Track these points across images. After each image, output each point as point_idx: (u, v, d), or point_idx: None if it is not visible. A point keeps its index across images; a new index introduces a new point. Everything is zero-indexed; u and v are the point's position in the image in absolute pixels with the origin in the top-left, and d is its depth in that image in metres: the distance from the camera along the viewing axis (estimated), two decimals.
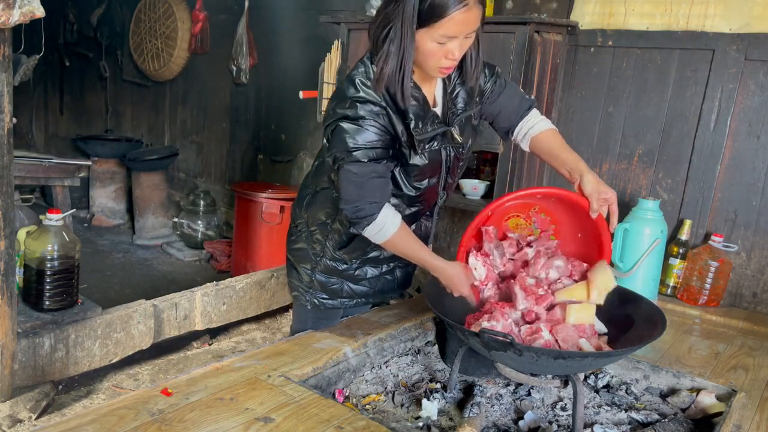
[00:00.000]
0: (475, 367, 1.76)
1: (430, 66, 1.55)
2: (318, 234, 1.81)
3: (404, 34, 1.47)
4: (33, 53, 3.29)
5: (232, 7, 4.40)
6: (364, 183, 1.55)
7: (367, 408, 1.61)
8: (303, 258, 1.86)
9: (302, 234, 1.85)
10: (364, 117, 1.53)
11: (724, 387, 1.70)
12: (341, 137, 1.54)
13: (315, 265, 1.85)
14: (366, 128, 1.53)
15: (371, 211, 1.57)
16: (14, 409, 2.20)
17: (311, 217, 1.82)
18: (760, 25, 2.35)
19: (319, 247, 1.82)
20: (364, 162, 1.53)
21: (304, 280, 1.87)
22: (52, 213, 2.37)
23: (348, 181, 1.56)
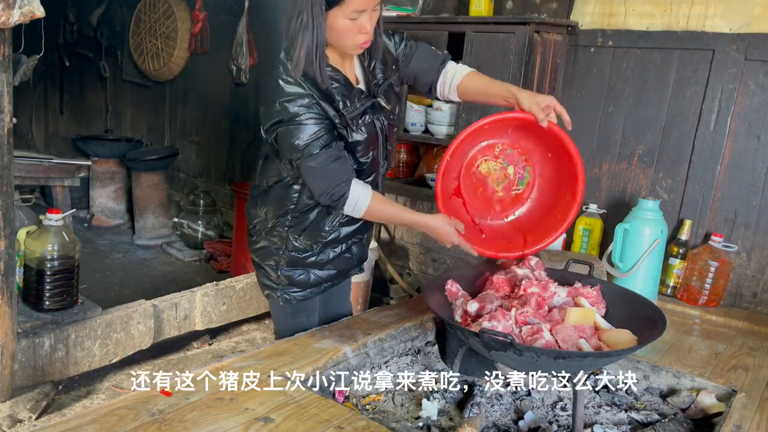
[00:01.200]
0: (475, 367, 1.76)
1: (347, 44, 1.63)
2: (278, 227, 1.83)
3: (315, 17, 1.55)
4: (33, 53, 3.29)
5: (232, 7, 4.40)
6: (325, 171, 1.63)
7: (367, 408, 1.61)
8: (266, 255, 1.87)
9: (261, 232, 1.87)
10: (297, 113, 1.60)
11: (724, 387, 1.70)
12: (286, 141, 1.62)
13: (279, 260, 1.86)
14: (304, 123, 1.60)
15: (342, 191, 1.64)
16: (14, 409, 2.20)
17: (267, 213, 1.84)
18: (760, 25, 2.35)
19: (280, 241, 1.84)
20: (316, 153, 1.60)
21: (272, 277, 1.88)
22: (52, 213, 2.37)
23: (311, 176, 1.64)
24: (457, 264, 3.24)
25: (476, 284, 1.83)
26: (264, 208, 1.83)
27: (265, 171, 1.82)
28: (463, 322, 1.63)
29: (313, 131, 1.60)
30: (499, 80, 1.80)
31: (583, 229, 2.73)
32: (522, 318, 1.56)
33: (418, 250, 3.39)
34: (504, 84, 1.76)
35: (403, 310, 2.10)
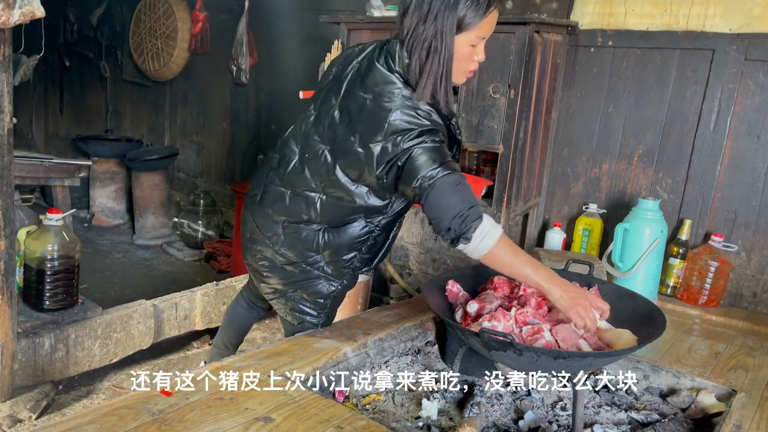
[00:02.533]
0: (475, 367, 1.76)
1: (460, 71, 1.59)
2: (342, 266, 1.77)
3: (446, 41, 1.51)
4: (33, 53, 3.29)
5: (232, 7, 4.39)
6: (462, 190, 1.52)
7: (367, 408, 1.61)
8: (317, 291, 1.80)
9: (312, 270, 1.77)
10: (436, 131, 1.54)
11: (724, 387, 1.70)
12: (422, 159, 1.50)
13: (331, 293, 1.81)
14: (441, 141, 1.54)
15: (477, 214, 1.51)
16: (14, 409, 2.20)
17: (330, 253, 1.74)
18: (760, 25, 2.35)
19: (343, 275, 1.79)
20: (452, 172, 1.51)
21: (318, 307, 1.83)
22: (52, 213, 2.37)
23: (446, 194, 1.49)
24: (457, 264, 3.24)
25: (476, 284, 1.83)
26: (325, 249, 1.73)
27: (331, 212, 1.69)
28: (463, 322, 1.63)
29: (447, 153, 1.54)
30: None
31: (583, 229, 2.73)
32: (522, 318, 1.56)
33: (418, 250, 3.39)
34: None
35: (403, 310, 2.10)
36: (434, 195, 1.50)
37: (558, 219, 2.91)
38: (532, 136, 2.67)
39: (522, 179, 2.67)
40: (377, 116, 1.55)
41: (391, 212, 1.73)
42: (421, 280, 3.36)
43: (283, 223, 1.75)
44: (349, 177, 1.63)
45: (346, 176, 1.63)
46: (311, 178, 1.69)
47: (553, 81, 2.75)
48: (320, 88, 1.78)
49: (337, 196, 1.67)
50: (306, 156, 1.72)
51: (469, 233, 1.49)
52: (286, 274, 1.80)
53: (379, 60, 1.62)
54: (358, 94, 1.62)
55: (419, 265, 3.40)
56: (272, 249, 1.78)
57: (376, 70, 1.61)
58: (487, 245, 1.51)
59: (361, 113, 1.59)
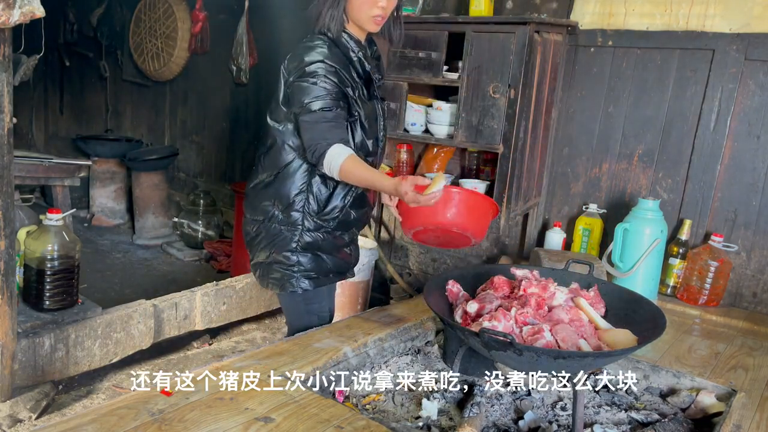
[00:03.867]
0: (475, 367, 1.76)
1: (364, 16, 1.81)
2: (293, 210, 1.88)
3: None
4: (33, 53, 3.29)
5: (232, 7, 4.39)
6: (314, 127, 1.75)
7: (367, 408, 1.61)
8: (282, 244, 1.90)
9: (272, 223, 1.90)
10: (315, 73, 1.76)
11: (724, 387, 1.70)
12: (297, 96, 1.77)
13: (296, 245, 1.89)
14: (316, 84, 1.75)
15: (322, 148, 1.73)
16: (14, 409, 2.20)
17: (280, 200, 1.88)
18: (760, 25, 2.35)
19: (299, 222, 1.88)
20: (313, 111, 1.74)
21: (290, 264, 1.90)
22: (52, 213, 2.37)
23: (303, 130, 1.77)
24: (457, 264, 3.24)
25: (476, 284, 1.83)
26: (274, 197, 1.89)
27: (271, 161, 1.89)
28: (463, 322, 1.63)
29: (319, 93, 1.74)
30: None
31: (583, 229, 2.73)
32: (522, 318, 1.57)
33: (418, 250, 3.39)
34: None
35: (403, 310, 2.10)
36: (300, 130, 1.79)
37: (558, 219, 2.91)
38: (532, 136, 2.67)
39: (522, 179, 2.67)
40: (289, 61, 1.85)
41: None
42: (421, 280, 3.36)
43: (248, 192, 1.99)
44: (275, 119, 1.88)
45: (273, 120, 1.89)
46: (260, 145, 1.96)
47: (553, 81, 2.75)
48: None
49: (271, 143, 1.89)
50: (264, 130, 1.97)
51: (319, 164, 1.75)
52: (258, 240, 1.95)
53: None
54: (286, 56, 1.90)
55: (419, 265, 3.40)
56: (247, 220, 1.98)
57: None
58: (335, 171, 1.73)
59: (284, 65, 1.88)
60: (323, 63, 1.76)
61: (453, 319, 1.66)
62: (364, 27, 1.85)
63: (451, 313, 1.71)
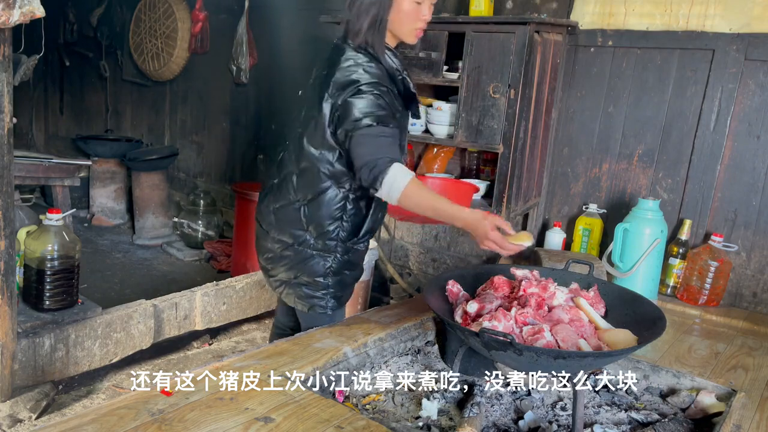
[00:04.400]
0: (475, 367, 1.76)
1: (406, 29, 1.74)
2: (327, 237, 1.81)
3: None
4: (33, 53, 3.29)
5: (232, 7, 4.39)
6: (375, 142, 1.64)
7: (367, 408, 1.61)
8: (314, 269, 1.84)
9: (303, 247, 1.83)
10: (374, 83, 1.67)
11: (724, 387, 1.70)
12: (351, 110, 1.65)
13: (329, 271, 1.85)
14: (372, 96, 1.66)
15: (384, 165, 1.62)
16: (14, 409, 2.20)
17: (314, 226, 1.81)
18: (760, 25, 2.35)
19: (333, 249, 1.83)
20: (374, 126, 1.64)
21: (320, 288, 1.87)
22: (52, 213, 2.37)
23: (360, 145, 1.64)
24: (457, 264, 3.24)
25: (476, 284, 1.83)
26: (307, 223, 1.81)
27: (304, 184, 1.79)
28: (464, 322, 1.63)
29: (376, 110, 1.65)
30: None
31: (583, 229, 2.73)
32: (522, 318, 1.57)
33: (418, 250, 3.39)
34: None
35: (403, 310, 2.10)
36: (353, 145, 1.66)
37: (558, 219, 2.91)
38: (532, 136, 2.67)
39: (522, 179, 2.67)
40: (327, 78, 1.72)
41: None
42: (421, 280, 3.36)
43: (274, 210, 1.87)
44: (312, 145, 1.76)
45: (310, 145, 1.77)
46: (290, 162, 1.84)
47: (553, 81, 2.75)
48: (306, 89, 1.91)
49: (306, 167, 1.79)
50: (288, 144, 1.87)
51: (376, 183, 1.62)
52: (285, 261, 1.87)
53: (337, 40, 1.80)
54: (321, 74, 1.78)
55: (419, 265, 3.40)
56: (270, 238, 1.88)
57: (334, 48, 1.79)
58: (398, 190, 1.61)
59: (321, 86, 1.75)
60: (377, 82, 1.67)
61: (453, 319, 1.66)
62: (404, 39, 1.78)
63: (451, 313, 1.71)
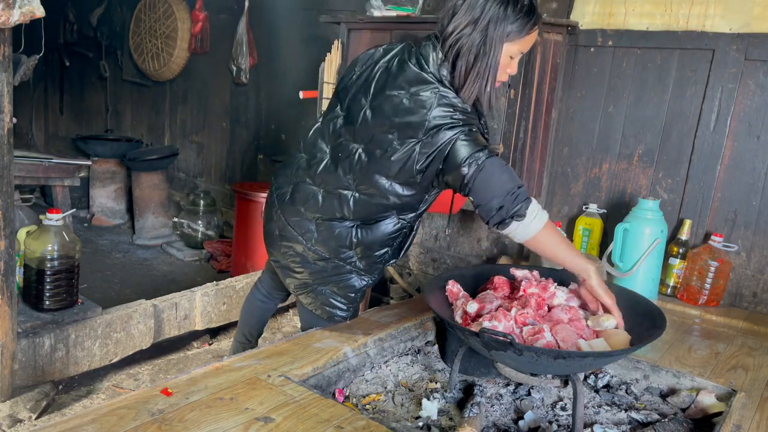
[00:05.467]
0: (475, 367, 1.76)
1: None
2: (374, 260, 1.82)
3: (496, 46, 1.60)
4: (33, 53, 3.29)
5: (232, 7, 4.40)
6: (510, 170, 1.58)
7: (367, 408, 1.61)
8: (350, 285, 1.84)
9: (345, 264, 1.80)
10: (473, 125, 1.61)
11: (724, 387, 1.70)
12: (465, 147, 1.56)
13: (363, 287, 1.85)
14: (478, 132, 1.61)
15: (525, 194, 1.56)
16: (14, 409, 2.20)
17: (362, 249, 1.78)
18: (760, 25, 2.35)
19: (375, 270, 1.84)
20: (496, 155, 1.58)
21: (347, 301, 1.87)
22: (52, 213, 2.37)
23: (499, 172, 1.56)
24: (457, 264, 3.24)
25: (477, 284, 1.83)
26: (356, 245, 1.77)
27: (360, 208, 1.73)
28: (464, 322, 1.63)
29: (483, 141, 1.60)
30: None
31: (583, 229, 2.73)
32: (522, 319, 1.57)
33: (418, 250, 3.39)
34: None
35: (403, 310, 2.10)
36: (483, 176, 1.54)
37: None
38: (532, 136, 2.67)
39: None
40: (416, 114, 1.59)
41: (421, 208, 1.79)
42: (421, 280, 3.36)
43: (317, 221, 1.79)
44: (385, 175, 1.66)
45: (382, 174, 1.66)
46: (344, 177, 1.72)
47: (553, 81, 2.75)
48: (344, 88, 1.81)
49: (370, 193, 1.70)
50: (339, 155, 1.75)
51: (522, 210, 1.54)
52: (317, 269, 1.82)
53: (411, 60, 1.67)
54: (392, 93, 1.66)
55: (419, 265, 3.40)
56: (304, 245, 1.81)
57: (409, 70, 1.66)
58: (537, 227, 1.56)
59: (397, 112, 1.63)
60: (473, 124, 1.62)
61: (453, 319, 1.66)
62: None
63: (451, 313, 1.71)
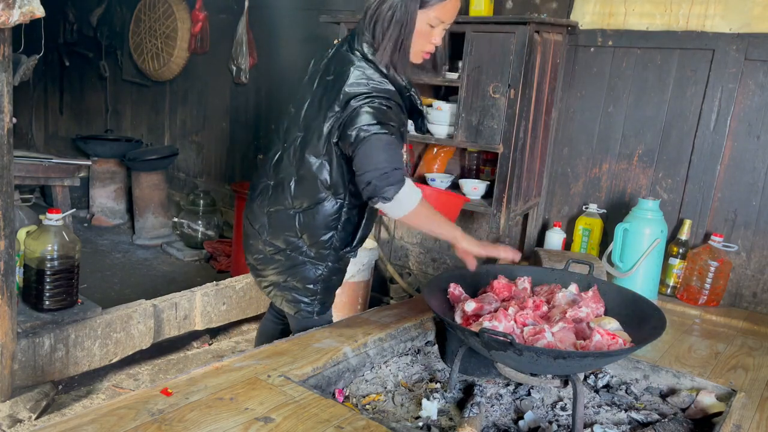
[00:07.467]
0: (475, 367, 1.76)
1: (416, 49, 1.72)
2: (322, 247, 1.81)
3: (409, 13, 1.65)
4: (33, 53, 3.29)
5: (232, 7, 4.39)
6: (392, 150, 1.62)
7: (367, 408, 1.61)
8: (305, 276, 1.85)
9: (296, 254, 1.83)
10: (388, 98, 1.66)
11: (724, 387, 1.70)
12: (367, 115, 1.62)
13: (320, 278, 1.85)
14: (391, 108, 1.66)
15: (399, 176, 1.61)
16: (14, 409, 2.20)
17: (309, 234, 1.80)
18: (760, 25, 2.35)
19: (327, 258, 1.83)
20: (390, 134, 1.62)
21: (309, 294, 1.87)
22: (52, 213, 2.37)
23: (378, 148, 1.60)
24: (457, 264, 3.24)
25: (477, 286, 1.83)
26: (302, 231, 1.79)
27: (302, 192, 1.77)
28: (464, 322, 1.63)
29: (389, 117, 1.64)
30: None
31: (583, 229, 2.73)
32: (522, 319, 1.57)
33: (418, 250, 3.39)
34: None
35: (403, 310, 2.10)
36: (364, 148, 1.61)
37: (558, 219, 2.91)
38: (532, 136, 2.67)
39: (522, 179, 2.67)
40: (337, 90, 1.68)
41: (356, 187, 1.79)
42: (421, 280, 3.36)
43: (268, 213, 1.85)
44: (314, 154, 1.74)
45: (311, 154, 1.74)
46: (288, 165, 1.80)
47: (553, 81, 2.75)
48: (300, 87, 1.90)
49: (304, 174, 1.76)
50: (285, 145, 1.84)
51: (388, 193, 1.60)
52: (276, 264, 1.87)
53: (343, 47, 1.77)
54: (326, 78, 1.76)
55: (419, 265, 3.40)
56: (261, 240, 1.87)
57: (340, 54, 1.76)
58: (408, 209, 1.63)
59: (325, 92, 1.73)
60: (388, 97, 1.66)
61: (453, 320, 1.66)
62: (410, 59, 1.77)
63: (451, 313, 1.71)
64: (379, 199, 1.62)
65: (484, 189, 2.79)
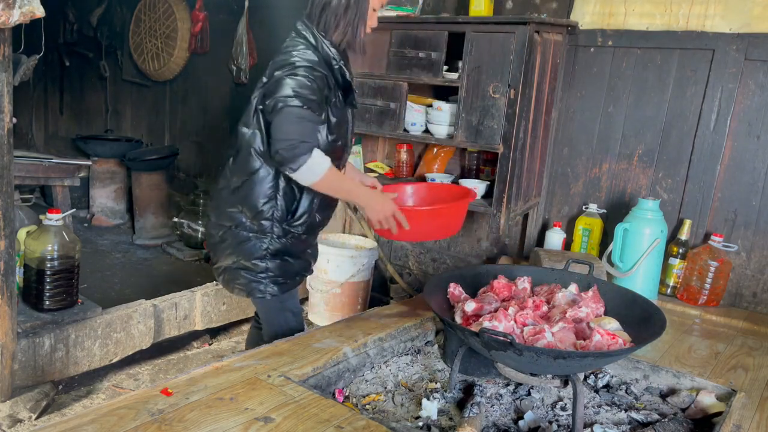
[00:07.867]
0: (475, 367, 1.76)
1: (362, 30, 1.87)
2: (262, 217, 1.86)
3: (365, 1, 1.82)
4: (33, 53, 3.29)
5: (232, 7, 4.39)
6: (302, 122, 1.73)
7: (367, 408, 1.61)
8: (251, 251, 1.89)
9: (240, 230, 1.89)
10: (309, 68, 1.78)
11: (724, 387, 1.70)
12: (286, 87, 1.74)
13: (266, 252, 1.88)
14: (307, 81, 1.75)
15: (307, 148, 1.72)
16: (14, 409, 2.20)
17: (248, 206, 1.86)
18: (760, 25, 2.35)
19: (269, 230, 1.87)
20: (303, 106, 1.72)
21: (258, 271, 1.90)
22: (52, 213, 2.37)
23: (288, 120, 1.72)
24: (457, 264, 3.24)
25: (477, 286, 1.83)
26: (241, 204, 1.87)
27: (238, 167, 1.88)
28: (464, 322, 1.63)
29: (306, 92, 1.73)
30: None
31: (583, 229, 2.73)
32: (522, 319, 1.57)
33: (418, 250, 3.39)
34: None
35: (403, 310, 2.10)
36: (278, 118, 1.73)
37: (558, 219, 2.91)
38: (532, 136, 2.67)
39: (522, 179, 2.67)
40: (269, 67, 1.84)
41: None
42: (421, 280, 3.36)
43: (214, 194, 1.98)
44: (245, 125, 1.87)
45: (243, 125, 1.88)
46: (230, 148, 1.94)
47: (553, 81, 2.75)
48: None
49: (239, 147, 1.88)
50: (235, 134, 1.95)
51: (294, 164, 1.72)
52: (224, 245, 1.94)
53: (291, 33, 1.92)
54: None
55: (419, 265, 3.40)
56: (212, 223, 1.97)
57: (287, 42, 1.90)
58: (314, 179, 1.75)
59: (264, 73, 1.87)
60: (312, 68, 1.77)
61: (453, 319, 1.66)
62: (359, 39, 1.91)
63: (451, 313, 1.71)
64: (287, 169, 1.73)
65: (484, 189, 2.79)
